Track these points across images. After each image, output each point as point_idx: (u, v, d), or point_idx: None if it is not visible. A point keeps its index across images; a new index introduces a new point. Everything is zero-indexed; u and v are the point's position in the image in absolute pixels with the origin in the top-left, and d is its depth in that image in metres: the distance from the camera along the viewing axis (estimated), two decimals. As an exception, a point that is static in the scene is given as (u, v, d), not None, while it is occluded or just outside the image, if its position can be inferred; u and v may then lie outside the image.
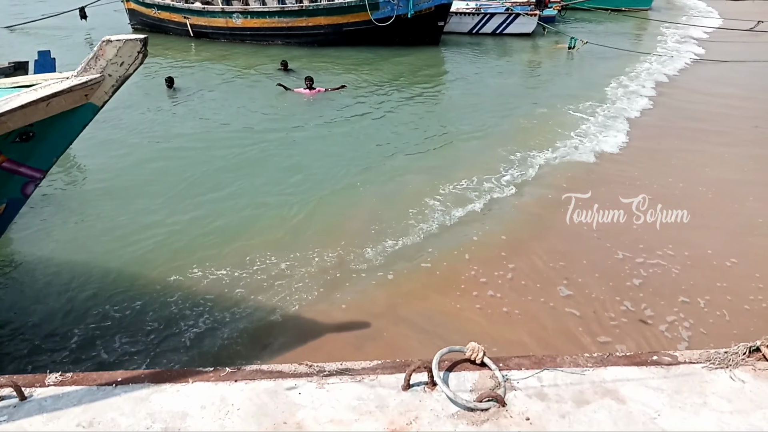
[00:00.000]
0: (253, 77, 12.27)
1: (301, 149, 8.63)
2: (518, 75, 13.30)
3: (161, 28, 15.40)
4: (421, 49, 14.46)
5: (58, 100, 3.37)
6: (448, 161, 8.19)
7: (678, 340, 4.63)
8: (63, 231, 6.53)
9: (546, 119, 10.01)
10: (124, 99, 10.89)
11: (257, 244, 6.03)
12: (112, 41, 3.40)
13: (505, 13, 16.68)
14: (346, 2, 13.91)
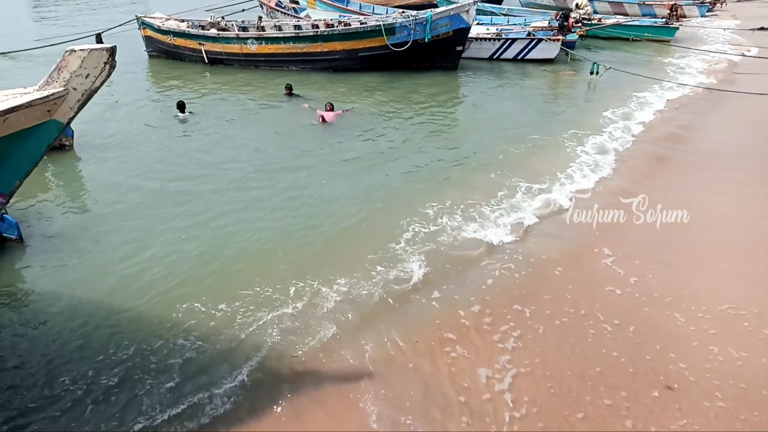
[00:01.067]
0: (267, 103, 12.03)
1: (312, 176, 8.50)
2: (536, 102, 12.78)
3: (177, 55, 15.27)
4: (438, 74, 14.03)
5: (17, 115, 3.04)
6: (444, 193, 7.96)
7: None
8: (68, 261, 6.39)
9: (550, 151, 9.61)
10: (136, 125, 10.79)
11: (267, 278, 5.92)
12: (75, 51, 3.10)
13: (527, 38, 16.15)
14: (362, 28, 13.64)
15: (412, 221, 7.10)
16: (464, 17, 13.47)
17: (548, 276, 6.13)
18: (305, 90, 12.67)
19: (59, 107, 3.23)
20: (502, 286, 5.92)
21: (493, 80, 14.31)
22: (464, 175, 8.62)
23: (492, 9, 19.98)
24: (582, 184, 8.43)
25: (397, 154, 9.42)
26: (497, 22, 17.75)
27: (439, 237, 6.79)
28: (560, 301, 5.63)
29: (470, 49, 15.89)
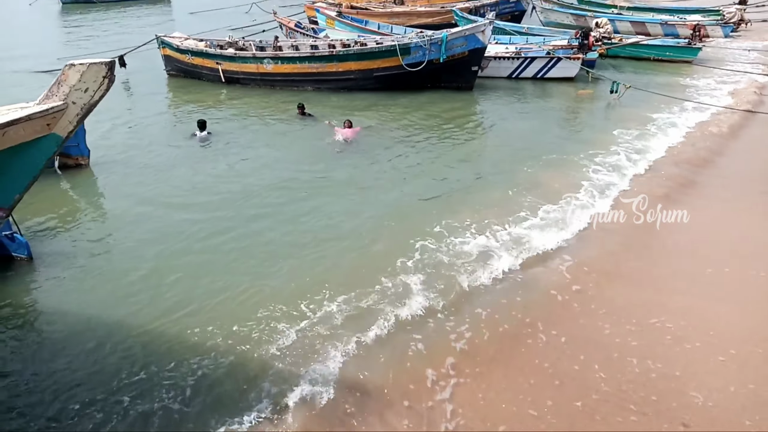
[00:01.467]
0: (284, 121, 12.06)
1: (326, 195, 8.55)
2: (555, 121, 12.60)
3: (195, 74, 15.42)
4: (454, 93, 13.91)
5: (16, 129, 3.03)
6: (458, 213, 7.89)
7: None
8: (79, 281, 6.42)
9: (567, 172, 9.45)
10: (153, 143, 10.85)
11: (276, 298, 5.95)
12: (75, 65, 3.08)
13: (546, 57, 15.93)
14: (377, 48, 13.62)
15: (423, 241, 7.08)
16: (480, 37, 13.36)
17: (554, 306, 5.91)
18: (321, 109, 12.65)
19: (59, 121, 3.23)
20: (502, 317, 5.73)
21: (512, 99, 14.14)
22: (480, 195, 8.53)
23: (512, 28, 19.84)
24: (600, 206, 8.21)
25: (413, 173, 9.38)
26: (517, 41, 17.59)
27: (447, 259, 6.72)
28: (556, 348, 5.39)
29: (489, 67, 15.75)
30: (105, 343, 5.32)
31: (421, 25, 19.59)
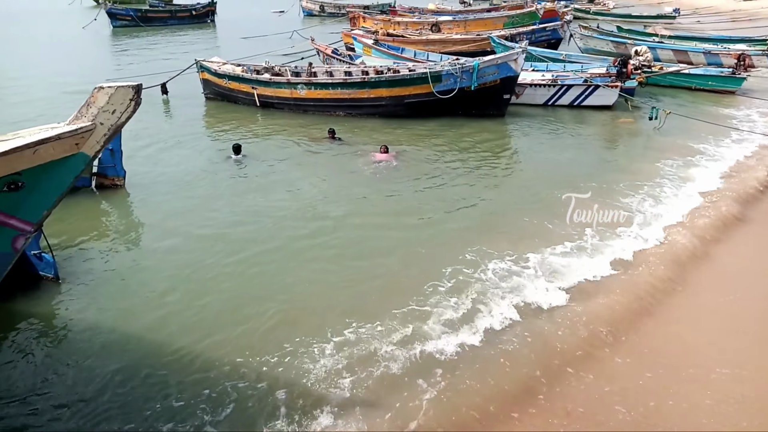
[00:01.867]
0: (318, 146, 12.15)
1: (358, 220, 8.56)
2: (592, 150, 12.33)
3: (231, 98, 15.76)
4: (487, 121, 13.80)
5: (46, 147, 3.17)
6: (494, 243, 7.71)
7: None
8: (108, 301, 6.46)
9: (606, 203, 9.06)
10: (189, 165, 11.03)
11: (304, 325, 5.93)
12: (104, 88, 3.22)
13: (584, 84, 15.67)
14: (408, 75, 13.66)
15: (457, 268, 6.96)
16: (512, 66, 13.26)
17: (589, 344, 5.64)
18: (353, 134, 12.73)
19: (87, 141, 3.34)
20: (536, 351, 5.50)
21: (548, 126, 13.94)
22: (517, 223, 8.40)
23: (549, 55, 19.66)
24: (642, 241, 7.88)
25: (449, 199, 9.30)
26: (554, 68, 17.40)
27: (481, 288, 6.58)
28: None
29: (524, 95, 15.61)
30: (134, 368, 5.32)
31: (457, 52, 19.60)
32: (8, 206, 3.37)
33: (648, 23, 31.67)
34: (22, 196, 3.36)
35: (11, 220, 3.45)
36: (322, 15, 48.73)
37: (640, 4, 49.88)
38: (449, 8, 38.62)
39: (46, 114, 14.00)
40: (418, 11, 35.12)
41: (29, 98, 16.97)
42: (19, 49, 29.48)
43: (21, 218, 3.47)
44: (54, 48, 29.65)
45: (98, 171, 9.52)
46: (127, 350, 5.63)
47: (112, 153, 9.36)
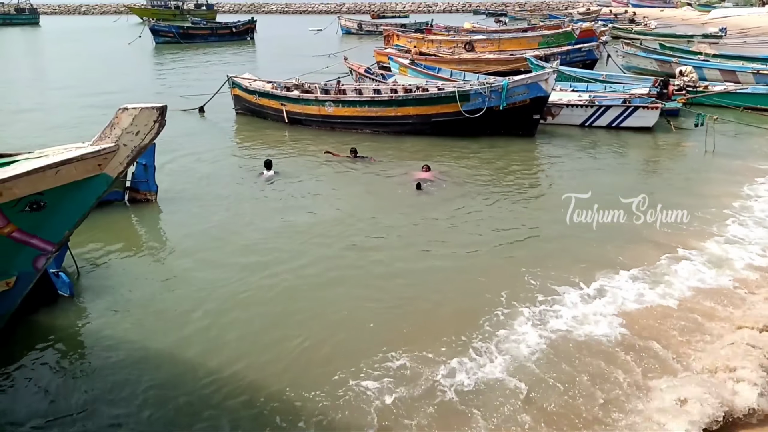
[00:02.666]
0: (347, 163, 11.93)
1: (395, 241, 8.22)
2: (635, 173, 11.69)
3: (261, 114, 15.83)
4: (517, 141, 13.38)
5: (69, 168, 3.23)
6: (545, 271, 7.24)
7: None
8: (134, 316, 6.35)
9: (658, 233, 8.33)
10: (221, 181, 10.97)
11: (336, 350, 5.67)
12: (128, 109, 3.18)
13: (623, 105, 15.09)
14: (436, 94, 13.47)
15: (507, 298, 6.51)
16: (542, 86, 12.89)
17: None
18: (382, 152, 12.52)
19: (110, 162, 3.31)
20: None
21: (585, 148, 13.38)
22: (569, 249, 7.90)
23: (589, 75, 19.11)
24: (699, 279, 7.08)
25: (493, 222, 8.93)
26: (594, 89, 16.88)
27: (534, 322, 6.10)
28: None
29: (561, 115, 15.16)
30: (155, 389, 5.14)
31: (491, 71, 19.30)
32: (30, 226, 3.36)
33: (692, 42, 30.70)
34: (44, 216, 3.35)
35: (33, 239, 3.45)
36: (360, 33, 49.27)
37: (684, 24, 48.75)
38: (484, 27, 38.41)
39: (84, 124, 14.39)
40: (453, 30, 35.05)
41: (72, 109, 17.56)
42: (68, 63, 30.72)
43: (42, 238, 3.46)
44: (100, 62, 30.70)
45: (131, 185, 9.54)
46: (148, 369, 5.45)
47: (146, 168, 9.33)
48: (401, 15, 74.21)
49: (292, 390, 5.09)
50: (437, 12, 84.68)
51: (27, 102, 19.12)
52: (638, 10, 61.72)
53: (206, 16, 61.29)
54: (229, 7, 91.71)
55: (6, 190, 3.08)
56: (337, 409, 4.84)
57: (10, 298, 3.67)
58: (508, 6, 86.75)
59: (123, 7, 75.06)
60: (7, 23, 63.28)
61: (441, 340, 5.74)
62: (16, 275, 3.58)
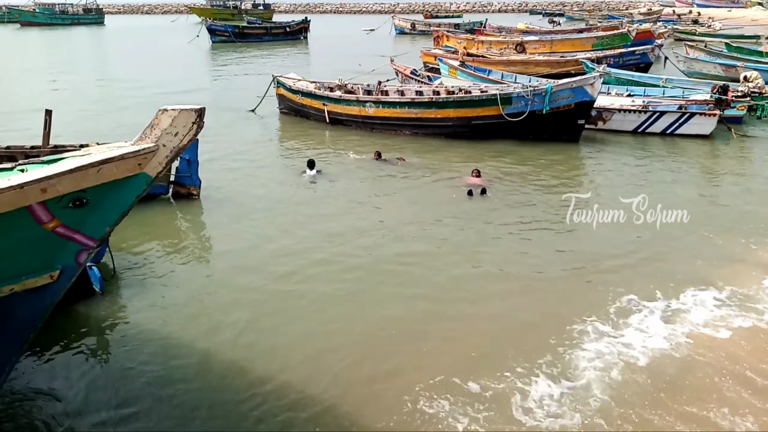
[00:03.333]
0: (388, 165, 11.77)
1: (446, 252, 7.81)
2: (696, 185, 10.95)
3: (303, 113, 15.94)
4: (560, 147, 12.88)
5: (110, 167, 3.34)
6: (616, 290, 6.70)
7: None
8: (171, 313, 6.37)
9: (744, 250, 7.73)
10: (263, 179, 11.05)
11: (385, 366, 5.38)
12: (167, 110, 3.37)
13: (678, 111, 14.33)
14: (476, 96, 13.17)
15: (586, 320, 6.06)
16: (588, 90, 12.39)
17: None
18: (420, 155, 12.34)
19: (149, 162, 3.42)
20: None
21: (639, 156, 12.74)
22: (653, 266, 7.36)
23: (647, 80, 18.26)
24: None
25: (558, 232, 8.45)
26: (652, 94, 16.15)
27: (621, 350, 5.56)
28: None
29: (612, 120, 14.57)
30: (183, 397, 5.06)
31: (540, 74, 18.75)
32: (73, 222, 3.51)
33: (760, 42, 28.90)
34: (87, 213, 3.49)
35: (76, 234, 3.58)
36: (413, 33, 49.12)
37: (753, 25, 46.04)
38: (538, 28, 37.48)
39: (142, 117, 14.81)
40: (505, 30, 34.38)
41: (132, 105, 18.20)
42: (130, 63, 31.93)
43: (85, 234, 3.60)
44: (161, 62, 31.77)
45: (175, 180, 9.68)
46: (184, 366, 5.43)
47: (189, 163, 9.45)
48: (454, 15, 73.58)
49: (341, 407, 4.81)
50: (492, 12, 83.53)
51: (92, 99, 19.96)
52: (703, 10, 58.87)
53: (263, 16, 62.63)
54: (284, 7, 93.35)
55: (50, 187, 3.22)
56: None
57: (54, 291, 3.81)
58: (566, 6, 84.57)
59: (183, 7, 77.65)
60: (76, 23, 66.59)
61: (507, 361, 5.36)
62: (59, 269, 3.71)
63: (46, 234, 3.48)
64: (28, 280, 3.66)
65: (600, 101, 14.52)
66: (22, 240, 3.46)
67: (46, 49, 42.04)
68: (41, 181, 3.21)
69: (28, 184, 3.19)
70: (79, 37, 52.67)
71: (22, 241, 3.47)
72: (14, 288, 3.64)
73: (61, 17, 66.46)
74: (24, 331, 4.01)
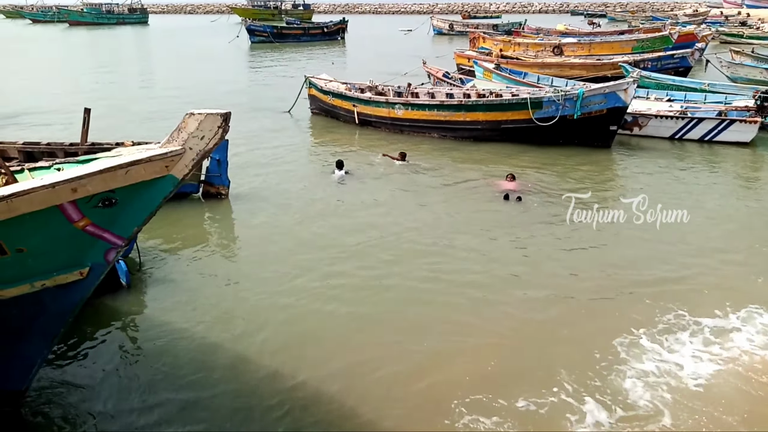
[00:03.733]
0: (422, 167, 11.73)
1: (481, 259, 7.60)
2: (723, 200, 10.39)
3: (334, 114, 16.04)
4: (593, 152, 12.59)
5: (138, 168, 3.45)
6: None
7: None
8: (195, 310, 6.43)
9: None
10: (293, 179, 11.14)
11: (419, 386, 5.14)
12: (194, 114, 3.46)
13: (717, 118, 13.86)
14: (506, 100, 13.02)
15: (628, 339, 5.76)
16: (621, 96, 12.10)
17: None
18: (448, 157, 12.27)
19: (176, 164, 3.52)
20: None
21: (676, 164, 12.33)
22: (702, 280, 7.04)
23: (688, 84, 17.71)
24: None
25: (593, 239, 8.18)
26: (692, 99, 15.67)
27: (668, 380, 5.23)
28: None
29: (648, 126, 14.19)
30: (203, 395, 5.09)
31: (575, 77, 18.40)
32: (103, 221, 3.64)
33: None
34: (116, 212, 3.61)
35: (105, 233, 3.71)
36: (451, 33, 48.87)
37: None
38: (578, 29, 36.73)
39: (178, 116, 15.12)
40: (543, 32, 33.83)
41: (170, 104, 18.55)
42: (173, 62, 32.79)
43: (114, 233, 3.73)
44: (202, 62, 32.40)
45: (205, 179, 9.80)
46: (211, 368, 5.42)
47: (219, 163, 9.54)
48: (492, 15, 72.84)
49: (377, 423, 4.70)
50: (533, 12, 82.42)
51: (133, 98, 20.46)
52: (753, 11, 56.58)
53: (303, 16, 63.28)
54: (323, 8, 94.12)
55: (81, 187, 3.36)
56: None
57: (84, 287, 3.95)
58: (609, 6, 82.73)
59: (225, 7, 79.09)
60: (121, 22, 68.63)
61: (554, 377, 5.13)
62: (89, 266, 3.83)
63: (77, 232, 3.61)
64: (59, 276, 3.79)
65: (637, 106, 14.19)
66: (53, 237, 3.59)
67: (91, 48, 43.55)
68: (72, 181, 3.34)
69: (59, 184, 3.32)
70: (124, 36, 54.22)
71: (54, 239, 3.60)
72: (45, 283, 3.78)
73: (107, 17, 68.63)
74: (54, 325, 4.15)
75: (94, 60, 34.66)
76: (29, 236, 3.52)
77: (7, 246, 3.51)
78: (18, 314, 3.91)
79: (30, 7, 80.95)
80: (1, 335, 4.05)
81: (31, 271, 3.70)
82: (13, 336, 4.07)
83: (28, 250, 3.59)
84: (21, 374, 4.34)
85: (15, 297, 3.75)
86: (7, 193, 3.26)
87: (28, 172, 4.89)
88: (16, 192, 3.27)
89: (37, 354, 4.30)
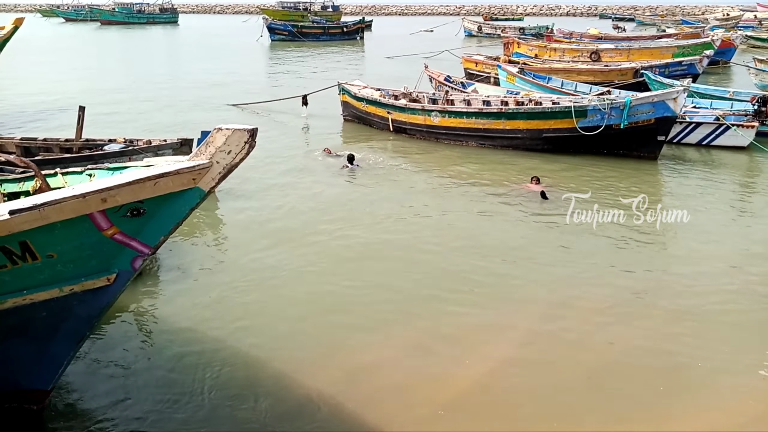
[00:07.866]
0: (445, 174, 11.59)
1: (497, 269, 7.37)
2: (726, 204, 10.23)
3: (367, 121, 15.88)
4: (633, 163, 12.22)
5: (166, 180, 3.58)
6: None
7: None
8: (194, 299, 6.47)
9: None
10: (312, 176, 11.13)
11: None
12: (222, 129, 3.58)
13: (714, 123, 13.62)
14: (549, 108, 12.72)
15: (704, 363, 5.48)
16: (670, 105, 11.72)
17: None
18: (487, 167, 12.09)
19: (203, 177, 3.64)
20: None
21: (686, 171, 12.12)
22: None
23: (715, 92, 17.15)
24: None
25: (648, 251, 7.95)
26: (719, 107, 15.21)
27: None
28: None
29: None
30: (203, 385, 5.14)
31: (584, 83, 18.14)
32: (131, 230, 3.78)
33: None
34: (143, 222, 3.76)
35: (132, 242, 3.85)
36: (480, 35, 48.55)
37: None
38: (613, 34, 36.05)
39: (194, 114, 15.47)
40: (575, 36, 33.29)
41: (188, 102, 18.94)
42: (200, 60, 33.20)
43: (141, 241, 3.87)
44: (229, 61, 32.80)
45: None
46: (206, 361, 5.44)
47: None
48: (514, 18, 72.11)
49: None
50: (559, 15, 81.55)
51: (165, 98, 20.66)
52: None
53: (332, 17, 63.31)
54: (350, 9, 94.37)
55: (110, 197, 3.51)
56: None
57: (110, 293, 4.10)
58: (638, 10, 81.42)
59: (255, 8, 79.62)
60: (151, 22, 69.54)
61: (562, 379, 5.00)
62: (116, 273, 3.97)
63: (105, 240, 3.77)
64: (87, 281, 3.96)
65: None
66: (83, 245, 3.77)
67: (122, 46, 44.29)
68: (102, 191, 3.50)
69: (90, 194, 3.48)
70: (154, 36, 55.08)
71: (83, 246, 3.78)
72: (74, 288, 3.95)
73: (138, 16, 69.64)
74: (81, 328, 4.31)
75: (125, 58, 35.86)
76: (60, 243, 3.69)
77: (38, 252, 3.67)
78: (48, 317, 4.05)
79: (65, 6, 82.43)
80: (31, 337, 4.18)
81: (60, 276, 3.87)
82: (43, 338, 4.21)
83: (58, 256, 3.75)
84: (48, 374, 4.47)
85: (45, 300, 3.93)
86: (39, 202, 3.41)
87: (62, 177, 5.42)
88: (48, 201, 3.42)
89: (64, 355, 4.45)
